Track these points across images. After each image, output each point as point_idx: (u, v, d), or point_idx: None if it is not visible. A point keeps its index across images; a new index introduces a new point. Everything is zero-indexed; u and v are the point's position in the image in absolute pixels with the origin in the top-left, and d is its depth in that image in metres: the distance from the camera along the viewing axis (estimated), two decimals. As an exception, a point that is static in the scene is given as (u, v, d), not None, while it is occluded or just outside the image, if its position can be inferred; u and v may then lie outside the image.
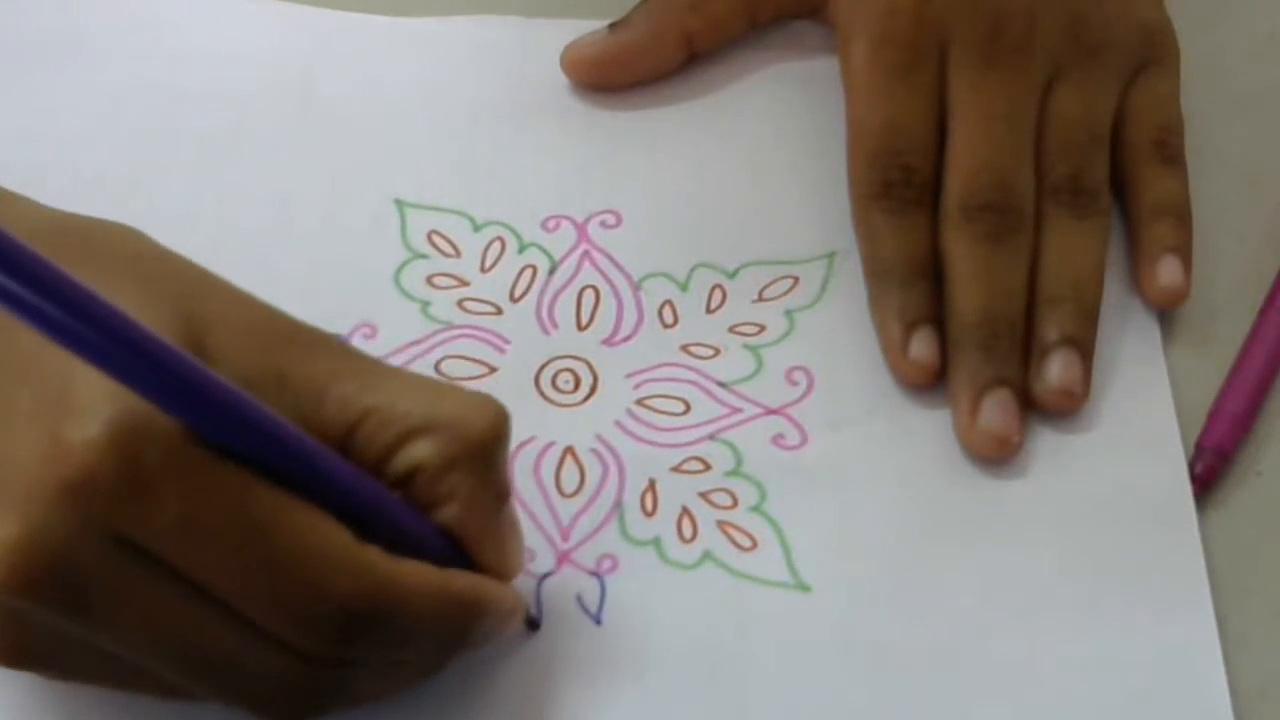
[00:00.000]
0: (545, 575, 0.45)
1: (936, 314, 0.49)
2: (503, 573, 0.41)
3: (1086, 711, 0.43)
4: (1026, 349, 0.49)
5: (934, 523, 0.46)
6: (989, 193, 0.49)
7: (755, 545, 0.46)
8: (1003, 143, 0.50)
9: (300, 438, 0.36)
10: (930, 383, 0.48)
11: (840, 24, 0.54)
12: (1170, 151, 0.52)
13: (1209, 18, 0.57)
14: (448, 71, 0.55)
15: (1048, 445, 0.48)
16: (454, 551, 0.40)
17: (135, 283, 0.36)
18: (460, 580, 0.39)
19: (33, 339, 0.35)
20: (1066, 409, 0.48)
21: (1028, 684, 0.43)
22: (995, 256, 0.49)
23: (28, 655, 0.38)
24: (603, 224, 0.52)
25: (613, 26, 0.55)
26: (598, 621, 0.44)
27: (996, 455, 0.47)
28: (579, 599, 0.44)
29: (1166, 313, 0.51)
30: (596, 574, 0.45)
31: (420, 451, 0.38)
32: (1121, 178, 0.52)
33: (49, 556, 0.35)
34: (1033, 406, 0.48)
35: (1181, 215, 0.51)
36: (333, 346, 0.39)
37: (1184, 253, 0.51)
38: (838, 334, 0.50)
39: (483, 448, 0.39)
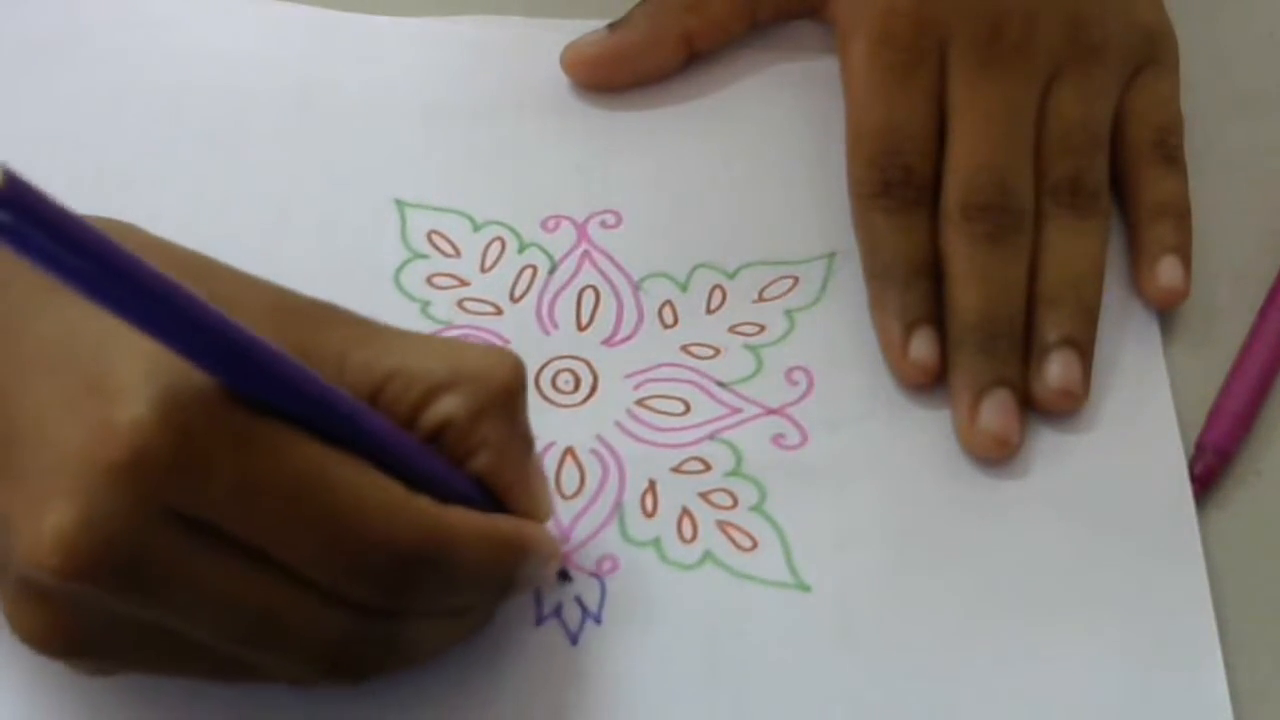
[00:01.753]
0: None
1: (936, 314, 0.49)
2: (536, 516, 0.42)
3: (1086, 711, 0.43)
4: (1026, 349, 0.49)
5: (934, 523, 0.46)
6: (989, 193, 0.49)
7: (755, 545, 0.46)
8: (1002, 143, 0.50)
9: (340, 394, 0.37)
10: (930, 383, 0.48)
11: (840, 24, 0.54)
12: (1170, 152, 0.52)
13: (1209, 18, 0.57)
14: (448, 71, 0.55)
15: (1048, 445, 0.48)
16: (489, 502, 0.40)
17: None
18: (505, 523, 0.40)
19: (56, 328, 0.36)
20: (1066, 409, 0.48)
21: (1027, 684, 0.43)
22: (995, 257, 0.49)
23: (83, 644, 0.38)
24: (603, 224, 0.52)
25: (612, 26, 0.55)
26: (598, 621, 0.44)
27: (996, 455, 0.47)
28: (579, 599, 0.44)
29: (1166, 313, 0.51)
30: (597, 575, 0.45)
31: (448, 406, 0.39)
32: (1121, 178, 0.52)
33: (107, 539, 0.35)
34: (1033, 407, 0.48)
35: (1181, 215, 0.51)
36: (345, 317, 0.40)
37: (1184, 253, 0.51)
38: (838, 334, 0.50)
39: (507, 396, 0.40)
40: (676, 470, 0.47)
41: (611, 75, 0.55)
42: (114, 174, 0.52)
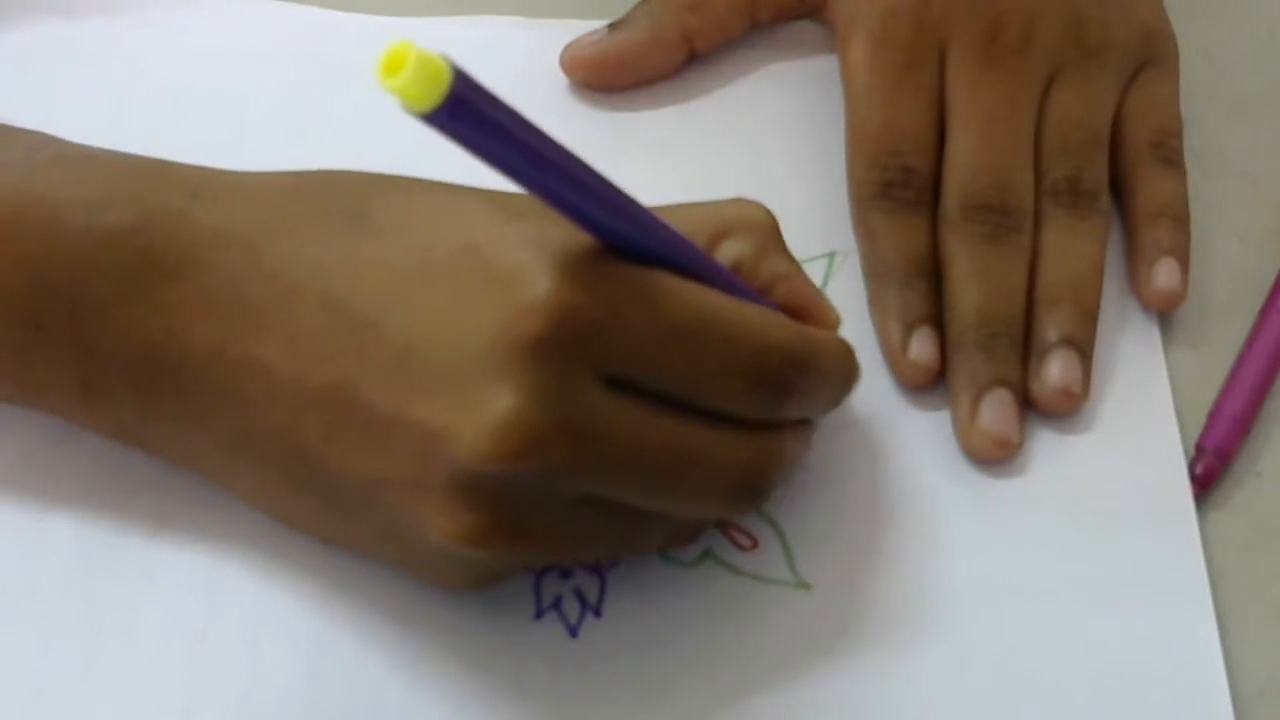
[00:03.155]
0: (545, 569, 0.45)
1: (936, 314, 0.49)
2: (834, 329, 0.44)
3: (1087, 711, 0.43)
4: (1026, 349, 0.49)
5: (934, 523, 0.46)
6: (988, 193, 0.50)
7: (755, 545, 0.46)
8: (1002, 143, 0.50)
9: (683, 237, 0.40)
10: (930, 383, 0.48)
11: (840, 24, 0.54)
12: (1168, 153, 0.52)
13: (1209, 18, 0.57)
14: (448, 72, 0.55)
15: (1048, 445, 0.48)
16: None
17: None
18: (835, 334, 0.44)
19: (414, 241, 0.39)
20: (1065, 409, 0.48)
21: (1028, 684, 0.43)
22: (994, 257, 0.49)
23: (518, 532, 0.38)
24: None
25: (612, 26, 0.55)
26: (598, 615, 0.44)
27: (996, 456, 0.47)
28: (579, 593, 0.44)
29: (1166, 313, 0.51)
30: (596, 569, 0.45)
31: (734, 248, 0.43)
32: (1120, 179, 0.52)
33: (554, 412, 0.36)
34: (1032, 407, 0.48)
35: (1179, 217, 0.51)
36: None
37: (1181, 255, 0.51)
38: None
39: (776, 232, 0.44)
40: (676, 468, 0.47)
41: (611, 75, 0.55)
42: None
